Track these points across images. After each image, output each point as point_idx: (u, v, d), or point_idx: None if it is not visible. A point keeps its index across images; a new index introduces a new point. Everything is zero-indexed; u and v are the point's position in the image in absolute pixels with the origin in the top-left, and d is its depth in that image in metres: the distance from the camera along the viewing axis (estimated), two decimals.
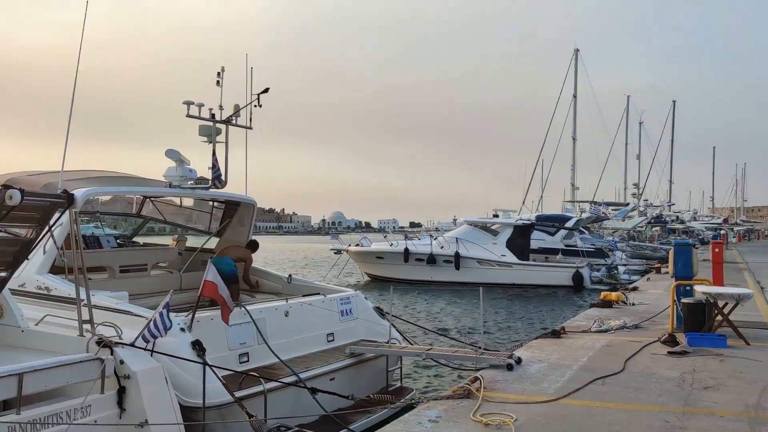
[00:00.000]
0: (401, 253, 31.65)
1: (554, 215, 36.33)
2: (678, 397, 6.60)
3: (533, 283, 28.87)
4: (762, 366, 8.03)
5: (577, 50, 52.00)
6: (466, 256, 30.35)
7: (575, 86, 51.41)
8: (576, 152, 51.44)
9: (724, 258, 31.64)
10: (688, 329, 9.98)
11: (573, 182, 51.72)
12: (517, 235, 30.68)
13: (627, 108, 69.14)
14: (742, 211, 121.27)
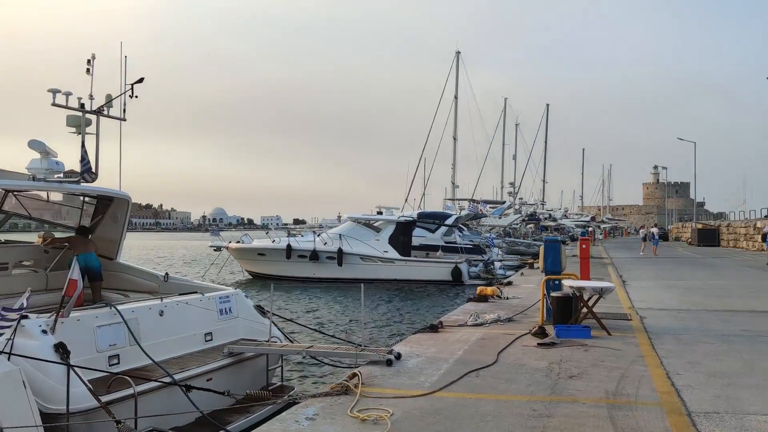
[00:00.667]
0: (284, 250, 31.37)
1: (435, 213, 37.26)
2: (545, 387, 6.93)
3: (414, 278, 29.48)
4: (621, 354, 8.59)
5: (459, 52, 53.62)
6: (349, 253, 30.52)
7: (456, 87, 53.01)
8: (456, 151, 53.09)
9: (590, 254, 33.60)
10: (556, 321, 10.52)
11: (453, 181, 53.29)
12: (399, 232, 31.22)
13: (504, 110, 72.12)
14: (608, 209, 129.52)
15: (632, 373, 7.49)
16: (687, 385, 6.90)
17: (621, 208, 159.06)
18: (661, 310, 13.17)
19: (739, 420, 5.68)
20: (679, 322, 11.55)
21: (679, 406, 6.14)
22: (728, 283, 19.85)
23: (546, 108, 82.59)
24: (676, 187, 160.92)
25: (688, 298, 15.45)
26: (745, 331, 10.53)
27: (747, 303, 14.44)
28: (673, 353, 8.65)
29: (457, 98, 52.54)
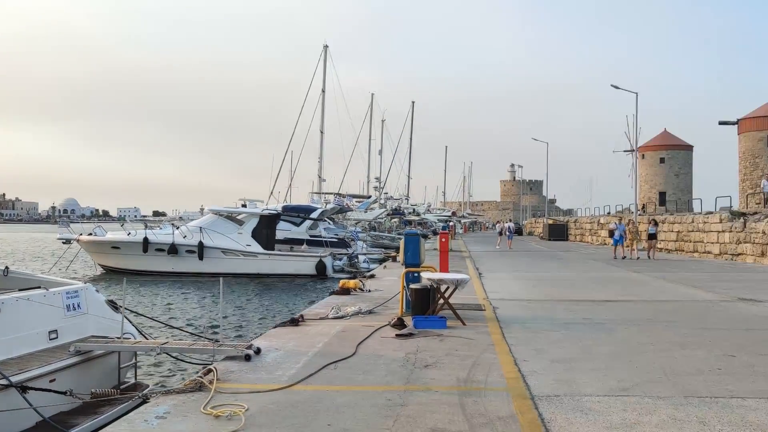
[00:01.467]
0: (140, 243, 30.05)
1: (300, 206, 37.13)
2: (401, 376, 7.09)
3: (278, 272, 29.22)
4: (474, 344, 8.95)
5: (326, 46, 53.52)
6: (210, 246, 29.74)
7: (324, 81, 52.91)
8: (323, 145, 52.99)
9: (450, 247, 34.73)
10: (415, 313, 10.79)
11: (320, 174, 53.22)
12: (262, 225, 30.81)
13: (371, 105, 72.96)
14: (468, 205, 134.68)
15: (483, 361, 7.83)
16: (532, 371, 7.31)
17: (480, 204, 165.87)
18: (512, 301, 13.88)
19: (576, 401, 6.09)
20: (529, 312, 12.22)
21: (524, 390, 6.48)
22: (574, 274, 21.27)
23: (412, 105, 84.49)
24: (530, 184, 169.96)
25: (537, 289, 16.39)
26: (586, 319, 11.32)
27: (589, 293, 15.54)
28: (521, 341, 9.13)
29: (325, 92, 52.50)
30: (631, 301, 13.93)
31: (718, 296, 14.90)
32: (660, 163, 65.41)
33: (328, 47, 53.32)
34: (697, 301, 14.02)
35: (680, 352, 8.40)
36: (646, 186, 65.26)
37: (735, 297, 14.66)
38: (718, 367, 7.53)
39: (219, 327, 12.77)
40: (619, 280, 19.07)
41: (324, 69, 52.86)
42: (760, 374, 7.19)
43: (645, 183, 65.18)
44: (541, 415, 5.65)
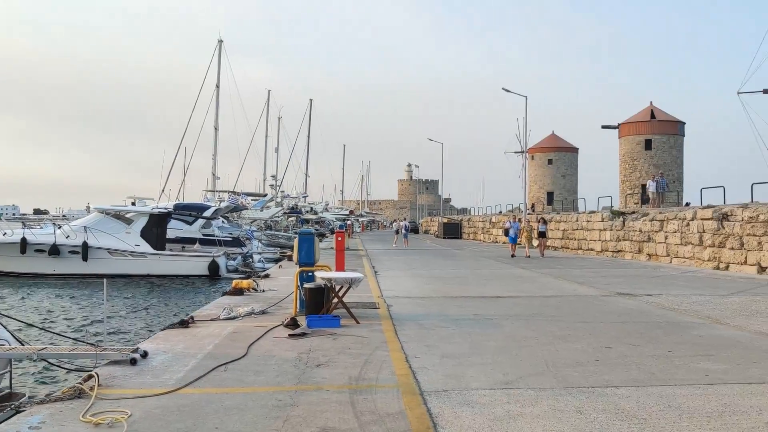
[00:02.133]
0: (17, 244, 28.27)
1: (192, 204, 36.11)
2: (293, 376, 7.03)
3: (169, 273, 28.28)
4: (367, 341, 9.01)
5: (221, 41, 52.38)
6: (96, 247, 28.41)
7: (218, 77, 51.71)
8: (218, 142, 51.78)
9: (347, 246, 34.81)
10: (309, 312, 10.74)
11: (214, 172, 51.98)
12: (152, 224, 29.72)
13: (268, 102, 71.95)
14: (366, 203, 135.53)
15: (375, 359, 7.90)
16: (422, 367, 7.44)
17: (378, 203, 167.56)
18: (407, 298, 14.08)
19: (463, 395, 6.25)
20: (422, 309, 12.44)
21: (414, 386, 6.59)
22: (466, 272, 21.85)
23: (309, 103, 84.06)
24: (427, 184, 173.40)
25: (431, 287, 16.72)
26: (476, 315, 11.65)
27: (480, 290, 16.01)
28: (413, 338, 9.28)
29: (219, 87, 51.33)
30: (518, 297, 14.47)
31: (598, 291, 15.72)
32: (548, 165, 68.29)
33: (222, 42, 52.23)
34: (579, 296, 14.74)
35: (562, 345, 8.80)
36: (535, 186, 67.99)
37: (614, 292, 15.52)
38: (595, 359, 7.94)
39: (103, 331, 12.22)
40: (508, 277, 19.76)
41: (218, 64, 51.73)
42: (632, 364, 7.65)
43: (534, 183, 67.89)
44: (429, 410, 5.76)
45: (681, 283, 18.05)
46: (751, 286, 17.17)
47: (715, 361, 7.82)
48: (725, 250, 22.94)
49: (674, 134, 53.05)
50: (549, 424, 5.39)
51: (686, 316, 11.69)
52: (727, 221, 23.03)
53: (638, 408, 5.83)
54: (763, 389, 6.51)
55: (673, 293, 15.22)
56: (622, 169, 53.98)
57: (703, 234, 24.28)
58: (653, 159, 52.03)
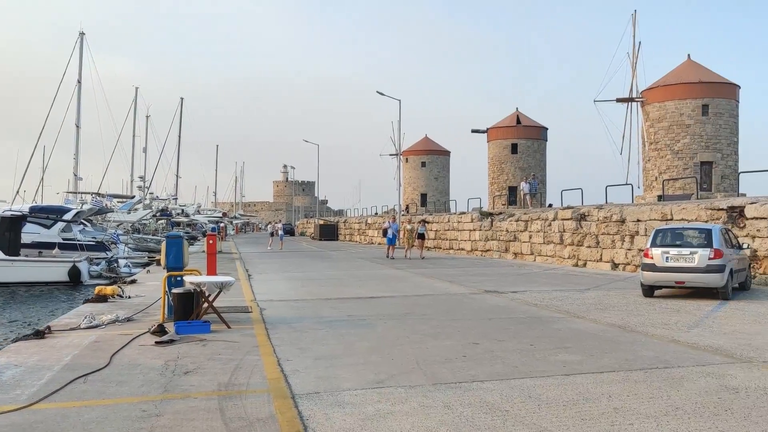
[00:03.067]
0: None
1: (51, 206, 33.86)
2: (159, 385, 6.75)
3: (24, 280, 26.30)
4: (238, 346, 8.82)
5: (83, 33, 49.46)
6: None
7: (80, 71, 48.82)
8: (80, 141, 48.86)
9: (220, 249, 34.00)
10: (177, 318, 10.36)
11: (76, 172, 49.02)
12: (4, 228, 27.55)
13: (135, 100, 68.82)
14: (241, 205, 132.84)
15: (246, 364, 7.75)
16: (295, 370, 7.39)
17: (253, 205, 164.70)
18: (281, 301, 13.94)
19: (335, 396, 6.26)
20: (296, 312, 12.35)
21: (285, 390, 6.52)
22: (342, 273, 21.94)
23: (180, 101, 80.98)
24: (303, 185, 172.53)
25: (306, 289, 16.65)
26: (350, 316, 11.72)
27: (354, 291, 16.13)
28: (286, 341, 9.20)
29: (81, 83, 48.47)
30: (392, 297, 14.71)
31: (468, 289, 16.29)
32: (422, 167, 70.00)
33: (84, 35, 49.30)
34: (450, 295, 15.20)
35: (432, 343, 9.04)
36: (409, 188, 69.47)
37: (482, 290, 16.14)
38: (463, 355, 8.21)
39: None
40: (383, 278, 20.04)
41: (80, 58, 48.81)
42: (498, 358, 7.98)
43: (408, 185, 69.36)
44: (300, 413, 5.72)
45: (543, 280, 19.06)
46: (606, 281, 18.43)
47: (572, 353, 8.31)
48: (583, 248, 24.48)
49: (538, 139, 56.06)
50: (418, 420, 5.50)
51: (547, 311, 12.36)
52: (584, 221, 24.58)
53: (502, 400, 6.09)
54: (614, 377, 6.99)
55: (536, 290, 16.04)
56: (491, 171, 56.30)
57: (564, 233, 25.78)
58: (519, 162, 54.66)
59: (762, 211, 17.14)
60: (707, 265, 13.52)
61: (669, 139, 40.15)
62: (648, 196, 38.75)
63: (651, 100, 41.24)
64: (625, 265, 22.02)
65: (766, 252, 16.98)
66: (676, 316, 11.62)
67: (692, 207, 19.74)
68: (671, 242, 14.35)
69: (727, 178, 39.10)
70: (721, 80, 40.57)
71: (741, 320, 11.08)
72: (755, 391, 6.38)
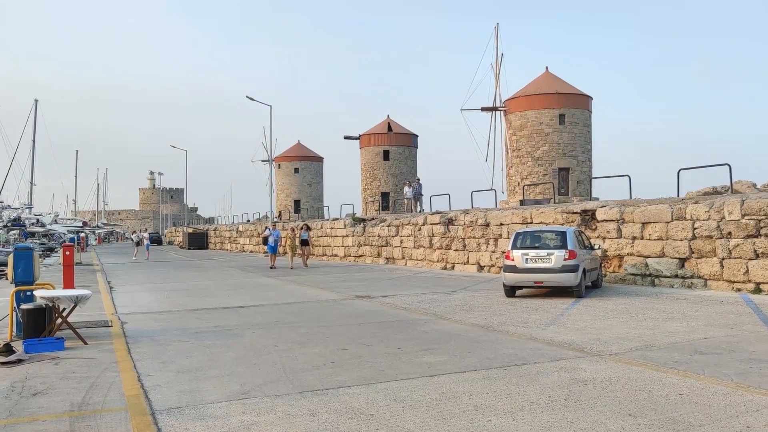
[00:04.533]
0: None
1: None
2: (3, 409, 6.25)
3: None
4: (95, 363, 8.35)
5: None
6: None
7: None
8: None
9: (79, 260, 32.20)
10: (27, 336, 9.67)
11: None
12: None
13: None
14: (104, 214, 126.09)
15: (103, 381, 7.35)
16: (156, 385, 7.09)
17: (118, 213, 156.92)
18: (144, 314, 13.36)
19: (198, 410, 6.07)
20: (160, 324, 11.88)
21: (144, 406, 6.24)
22: (210, 283, 21.35)
23: (35, 104, 75.89)
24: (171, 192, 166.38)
25: (172, 300, 16.06)
26: (217, 326, 11.42)
27: (223, 300, 15.74)
28: (147, 355, 8.82)
29: None
30: (261, 306, 14.49)
31: (339, 295, 16.35)
32: (295, 173, 69.64)
33: None
34: (321, 301, 15.20)
35: (300, 350, 8.98)
36: (282, 194, 68.88)
37: (353, 295, 16.26)
38: (331, 361, 8.23)
39: None
40: (253, 286, 19.71)
41: None
42: (365, 363, 8.06)
43: (281, 191, 68.76)
44: (159, 430, 5.50)
45: (413, 283, 19.49)
46: (472, 283, 19.13)
47: (437, 354, 8.55)
48: (451, 251, 25.28)
49: (409, 146, 57.40)
50: (282, 429, 5.44)
51: (415, 314, 12.64)
52: (452, 225, 25.40)
53: (367, 404, 6.15)
54: (474, 376, 7.26)
55: (406, 293, 16.38)
56: (364, 177, 56.97)
57: (433, 237, 26.51)
58: (391, 168, 55.70)
59: (611, 214, 18.46)
60: (563, 265, 14.37)
61: (530, 146, 42.39)
62: (511, 200, 40.71)
63: (513, 110, 43.40)
64: (490, 267, 22.96)
65: (615, 252, 18.29)
66: (534, 314, 12.25)
67: (550, 211, 20.91)
68: (530, 244, 15.12)
69: (582, 183, 41.82)
70: (576, 92, 43.39)
71: (592, 316, 11.86)
72: (602, 383, 6.84)
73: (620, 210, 18.22)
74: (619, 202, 19.25)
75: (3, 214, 56.97)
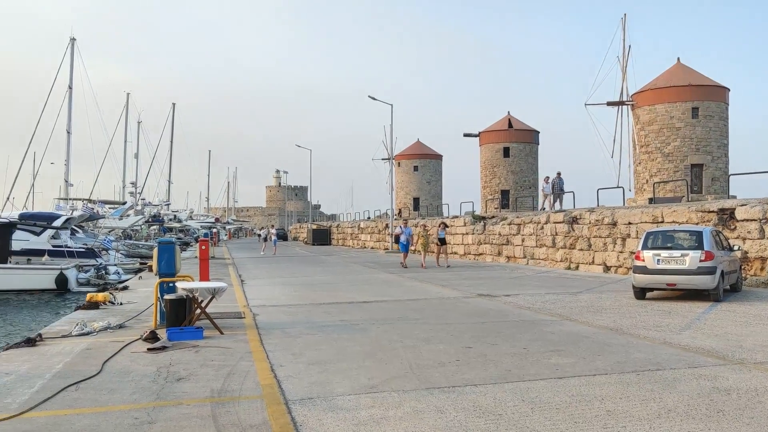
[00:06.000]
0: None
1: (41, 213, 33.69)
2: (151, 393, 6.73)
3: (10, 288, 26.10)
4: (231, 352, 8.80)
5: (74, 39, 49.37)
6: None
7: (71, 77, 48.68)
8: (71, 147, 48.72)
9: (213, 255, 33.94)
10: (170, 325, 10.33)
11: (67, 178, 48.86)
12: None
13: (126, 106, 68.68)
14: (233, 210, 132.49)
15: (239, 370, 7.73)
16: (288, 376, 7.37)
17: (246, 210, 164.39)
18: (273, 307, 13.91)
19: (328, 402, 6.25)
20: (289, 317, 12.33)
21: (278, 396, 6.51)
22: (335, 278, 21.92)
23: (172, 107, 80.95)
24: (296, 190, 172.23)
25: (298, 294, 16.62)
26: (343, 321, 11.71)
27: (347, 295, 16.11)
28: (279, 347, 9.18)
29: (72, 89, 48.33)
30: (384, 301, 14.69)
31: (461, 293, 16.30)
32: (414, 171, 70.03)
33: (75, 40, 49.24)
34: (443, 299, 15.21)
35: (425, 347, 9.03)
36: (402, 192, 69.49)
37: (475, 294, 16.15)
38: (457, 359, 8.21)
39: None
40: (376, 282, 20.03)
41: (71, 64, 48.68)
42: (491, 362, 7.98)
43: (401, 189, 69.39)
44: (293, 419, 5.71)
45: (536, 283, 19.09)
46: (598, 284, 18.48)
47: (565, 356, 8.32)
48: (575, 251, 24.54)
49: (530, 142, 56.18)
50: (411, 425, 5.50)
51: (540, 314, 12.38)
52: (576, 224, 24.65)
53: (495, 404, 6.09)
54: (606, 380, 7.01)
55: (529, 293, 16.07)
56: (483, 175, 56.40)
57: (556, 236, 25.85)
58: (511, 166, 54.78)
59: (752, 213, 17.24)
60: (698, 267, 13.58)
61: (659, 142, 40.34)
62: (639, 198, 38.90)
63: (641, 104, 41.44)
64: (617, 268, 22.09)
65: (756, 254, 17.07)
66: (668, 318, 11.66)
67: (683, 209, 19.83)
68: (662, 245, 14.40)
69: (718, 181, 39.29)
70: (711, 83, 40.82)
71: (732, 322, 11.13)
72: (747, 393, 6.41)
73: (763, 209, 16.97)
74: (762, 200, 17.94)
75: (145, 210, 61.14)
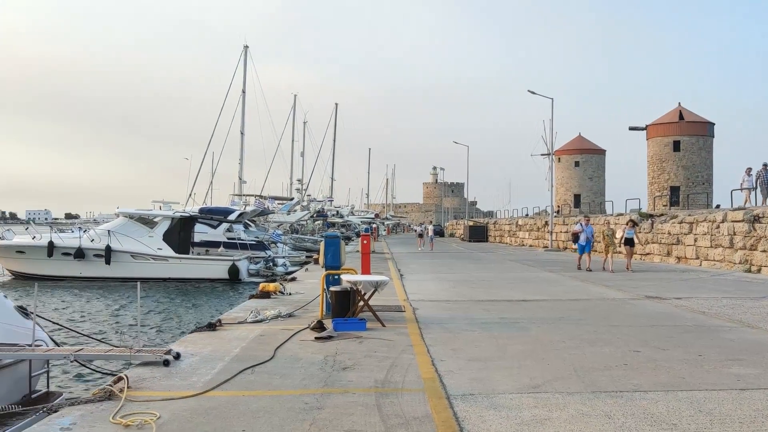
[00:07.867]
0: (44, 247, 28.76)
1: (218, 208, 36.45)
2: (319, 380, 7.05)
3: (190, 276, 28.51)
4: (393, 345, 9.01)
5: (247, 47, 52.84)
6: (119, 250, 28.77)
7: (244, 82, 52.22)
8: (244, 147, 52.26)
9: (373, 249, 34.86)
10: (335, 315, 10.77)
11: (240, 176, 52.44)
12: (176, 228, 30.02)
13: (294, 107, 72.49)
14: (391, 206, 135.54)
15: (401, 362, 7.89)
16: (449, 371, 7.42)
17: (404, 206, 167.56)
18: (432, 302, 14.05)
19: (490, 399, 6.22)
20: (447, 312, 12.40)
21: (440, 390, 6.57)
22: (492, 275, 21.73)
23: (335, 107, 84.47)
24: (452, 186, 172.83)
25: (456, 290, 16.66)
26: (502, 318, 11.58)
27: (506, 293, 15.91)
28: (439, 341, 9.26)
29: (245, 92, 51.80)
30: (544, 300, 14.35)
31: (626, 294, 15.54)
32: (575, 167, 67.73)
33: (248, 47, 52.70)
34: (606, 300, 14.58)
35: (589, 349, 8.72)
36: (561, 189, 67.45)
37: (642, 295, 15.33)
38: (624, 363, 7.85)
39: (135, 333, 12.38)
40: (535, 280, 19.61)
41: (244, 70, 52.24)
42: (662, 368, 7.54)
43: (561, 186, 67.35)
44: (455, 414, 5.74)
45: (710, 286, 17.77)
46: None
47: (747, 366, 7.68)
48: (757, 252, 22.54)
49: (703, 135, 52.29)
50: (577, 428, 5.33)
51: (716, 319, 11.51)
52: (758, 223, 22.62)
53: (668, 413, 5.75)
54: None
55: (703, 296, 14.99)
56: (650, 171, 53.32)
57: (734, 236, 23.89)
58: (682, 161, 51.35)
59: None
60: None
61: None
62: None
63: None
64: None
65: None
66: None
67: None
68: None
69: None
70: None
71: None
72: None
73: None
74: None
75: (310, 206, 64.15)
